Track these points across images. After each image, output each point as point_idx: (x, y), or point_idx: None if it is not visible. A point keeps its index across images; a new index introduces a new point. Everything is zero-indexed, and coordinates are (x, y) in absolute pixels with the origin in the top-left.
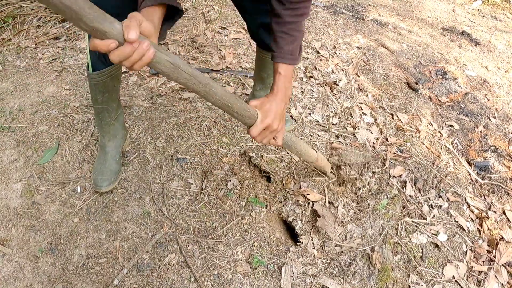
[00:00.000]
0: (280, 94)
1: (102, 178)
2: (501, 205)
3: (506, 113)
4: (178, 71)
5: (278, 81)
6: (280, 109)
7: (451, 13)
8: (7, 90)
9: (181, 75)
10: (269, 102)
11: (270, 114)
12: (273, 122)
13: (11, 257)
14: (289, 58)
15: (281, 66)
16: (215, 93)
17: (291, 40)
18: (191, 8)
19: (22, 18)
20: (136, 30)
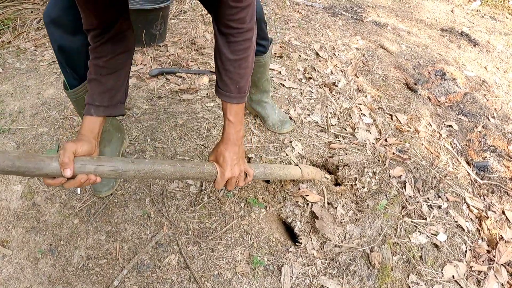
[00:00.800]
0: (231, 141)
1: (101, 184)
2: (500, 205)
3: (505, 113)
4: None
5: (227, 128)
6: (234, 154)
7: (450, 13)
8: (7, 92)
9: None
10: (222, 154)
11: (227, 166)
12: (232, 172)
13: (12, 258)
14: (235, 97)
15: (229, 108)
16: (164, 175)
17: (238, 78)
18: (190, 10)
19: (22, 20)
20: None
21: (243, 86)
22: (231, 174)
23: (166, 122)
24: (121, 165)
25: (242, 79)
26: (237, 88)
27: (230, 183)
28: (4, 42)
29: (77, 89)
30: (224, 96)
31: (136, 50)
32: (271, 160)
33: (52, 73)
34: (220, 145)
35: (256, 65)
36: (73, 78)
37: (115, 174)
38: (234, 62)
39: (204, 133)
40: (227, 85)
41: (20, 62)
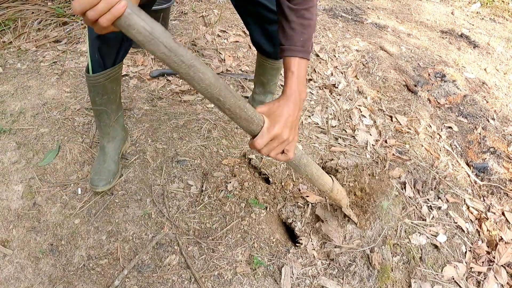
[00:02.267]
0: (293, 98)
1: (99, 178)
2: (500, 206)
3: (505, 114)
4: (155, 43)
5: (290, 82)
6: (293, 115)
7: (450, 15)
8: (8, 92)
9: (158, 47)
10: (280, 107)
11: (279, 120)
12: (283, 131)
13: (12, 258)
14: (300, 50)
15: (293, 61)
16: (201, 79)
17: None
18: (191, 11)
19: (23, 21)
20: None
21: (307, 40)
22: (280, 132)
23: (166, 123)
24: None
25: (305, 30)
26: (301, 41)
27: (271, 144)
28: (5, 42)
29: (99, 75)
30: (288, 50)
31: (137, 51)
32: (271, 161)
33: (53, 73)
34: (279, 99)
35: (270, 68)
36: (98, 65)
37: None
38: (297, 12)
39: (205, 134)
40: (290, 38)
41: (21, 62)
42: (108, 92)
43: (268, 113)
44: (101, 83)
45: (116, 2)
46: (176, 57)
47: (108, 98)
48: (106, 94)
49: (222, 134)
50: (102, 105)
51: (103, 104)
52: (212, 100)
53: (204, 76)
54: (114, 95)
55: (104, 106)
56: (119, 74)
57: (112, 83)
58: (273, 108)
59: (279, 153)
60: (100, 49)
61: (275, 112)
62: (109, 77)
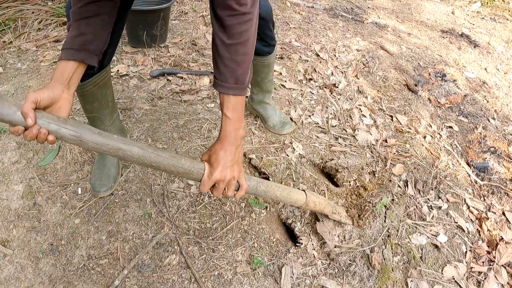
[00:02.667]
0: (228, 139)
1: (100, 184)
2: (500, 206)
3: (505, 114)
4: (85, 143)
5: (224, 124)
6: (229, 156)
7: (450, 15)
8: (8, 92)
9: (87, 144)
10: (216, 152)
11: (218, 166)
12: (222, 174)
13: (12, 258)
14: (233, 87)
15: (226, 99)
16: (131, 156)
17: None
18: (191, 11)
19: (23, 21)
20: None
21: (241, 76)
22: (220, 177)
23: (167, 123)
24: (86, 134)
25: (239, 67)
26: (233, 78)
27: (217, 188)
28: (5, 42)
29: (86, 83)
30: (220, 86)
31: (137, 51)
32: (271, 161)
33: None
34: (216, 143)
35: (261, 65)
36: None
37: (76, 141)
38: (230, 47)
39: (205, 134)
40: (222, 73)
41: (21, 62)
42: (98, 98)
43: (208, 159)
44: (89, 91)
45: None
46: (104, 146)
47: (99, 104)
48: (96, 101)
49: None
50: (94, 112)
51: (95, 111)
52: (149, 166)
53: (132, 153)
54: (104, 100)
55: (96, 112)
56: (107, 79)
57: (100, 89)
58: (211, 154)
59: (234, 191)
60: None
61: (212, 158)
62: (97, 84)
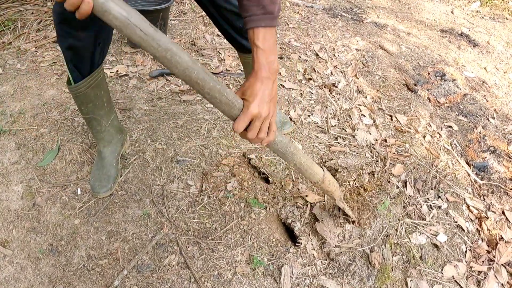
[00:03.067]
0: (262, 72)
1: (100, 185)
2: (500, 205)
3: (505, 113)
4: (131, 27)
5: (255, 56)
6: (267, 89)
7: (450, 14)
8: (8, 93)
9: (135, 31)
10: (251, 86)
11: (254, 99)
12: (260, 109)
13: (12, 258)
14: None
15: (256, 32)
16: (178, 63)
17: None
18: (190, 11)
19: (22, 21)
20: None
21: (268, 5)
22: (258, 111)
23: (166, 123)
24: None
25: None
26: (260, 8)
27: (253, 125)
28: (5, 43)
29: (79, 85)
30: (249, 22)
31: (136, 51)
32: (270, 161)
33: (53, 74)
34: (249, 77)
35: None
36: (76, 75)
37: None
38: None
39: (204, 134)
40: (249, 8)
41: (21, 63)
42: (93, 99)
43: (243, 94)
44: (82, 92)
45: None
46: (154, 41)
47: (94, 106)
48: (91, 102)
49: (221, 134)
50: (89, 113)
51: (90, 112)
52: (191, 84)
53: (181, 59)
54: (100, 101)
55: (91, 113)
56: (100, 79)
57: (94, 90)
58: (245, 89)
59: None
60: (72, 60)
61: (248, 92)
62: (90, 85)
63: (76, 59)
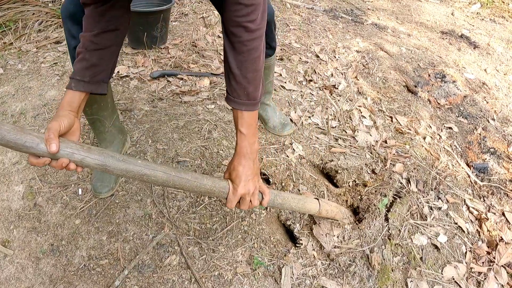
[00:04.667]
0: (244, 155)
1: (101, 185)
2: (500, 206)
3: (505, 115)
4: (110, 170)
5: (239, 141)
6: (248, 170)
7: (450, 16)
8: (9, 93)
9: (114, 172)
10: (235, 169)
11: (240, 182)
12: (245, 188)
13: (13, 258)
14: (245, 103)
15: (239, 115)
16: (156, 181)
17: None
18: (191, 12)
19: (24, 22)
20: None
21: (253, 92)
22: (245, 191)
23: (167, 124)
24: (110, 161)
25: (250, 84)
26: (245, 94)
27: (243, 201)
28: (6, 43)
29: None
30: (233, 102)
31: (137, 52)
32: (271, 162)
33: (54, 74)
34: (233, 159)
35: None
36: None
37: (101, 169)
38: (241, 64)
39: (205, 135)
40: (235, 90)
41: (22, 63)
42: (97, 100)
43: (229, 176)
44: None
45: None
46: (129, 173)
47: (98, 107)
48: (95, 103)
49: (222, 135)
50: (94, 114)
51: (95, 113)
52: (174, 188)
53: (156, 178)
54: (104, 102)
55: (96, 114)
56: None
57: None
58: (231, 171)
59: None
60: None
61: (233, 174)
62: None
63: None
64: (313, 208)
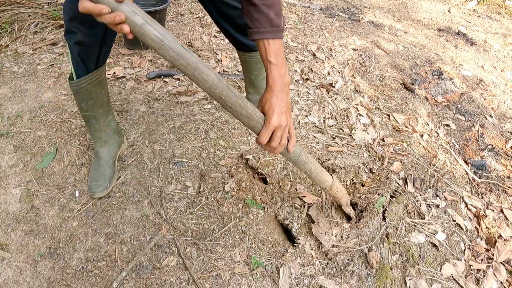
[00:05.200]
0: (277, 86)
1: (96, 184)
2: (498, 203)
3: (502, 112)
4: (165, 48)
5: (270, 72)
6: (282, 102)
7: (447, 13)
8: (5, 96)
9: (168, 52)
10: (268, 101)
11: (273, 113)
12: (279, 120)
13: (11, 261)
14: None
15: (266, 45)
16: (205, 80)
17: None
18: (187, 12)
19: (20, 24)
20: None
21: (275, 18)
22: (278, 123)
23: (163, 124)
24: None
25: (271, 10)
26: (268, 22)
27: (275, 136)
28: (2, 46)
29: (81, 80)
30: (257, 33)
31: (133, 53)
32: (268, 161)
33: (50, 76)
34: (265, 93)
35: (254, 62)
36: (81, 70)
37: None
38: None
39: (202, 135)
40: (257, 20)
41: (18, 65)
42: (93, 96)
43: (262, 109)
44: (83, 88)
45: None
46: (183, 60)
47: (94, 103)
48: (91, 99)
49: (219, 135)
50: (89, 110)
51: (90, 109)
52: (215, 98)
53: (208, 77)
54: (100, 99)
55: (91, 111)
56: (102, 77)
57: (96, 87)
58: (263, 104)
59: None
60: (80, 54)
61: (266, 107)
62: (92, 82)
63: (83, 54)
64: (327, 180)
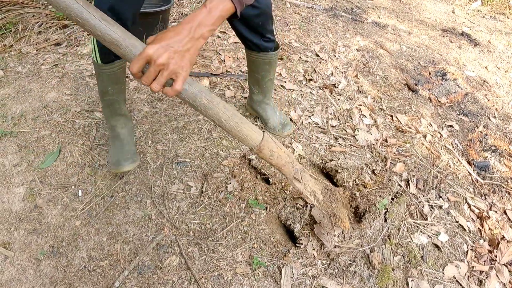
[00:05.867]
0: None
1: (124, 158)
2: (502, 204)
3: (506, 113)
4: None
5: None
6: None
7: (451, 14)
8: (9, 95)
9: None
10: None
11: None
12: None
13: (13, 260)
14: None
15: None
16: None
17: None
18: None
19: (24, 24)
20: None
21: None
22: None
23: (167, 125)
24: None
25: None
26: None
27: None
28: (6, 46)
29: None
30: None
31: None
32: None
33: (54, 76)
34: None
35: (262, 62)
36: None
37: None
38: None
39: (205, 135)
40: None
41: (22, 65)
42: (121, 81)
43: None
44: (115, 71)
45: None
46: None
47: (119, 88)
48: (118, 83)
49: (222, 135)
50: (115, 95)
51: (116, 94)
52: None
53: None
54: (123, 85)
55: (116, 96)
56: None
57: (123, 73)
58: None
59: (162, 83)
60: None
61: (158, 36)
62: (121, 67)
63: None
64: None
